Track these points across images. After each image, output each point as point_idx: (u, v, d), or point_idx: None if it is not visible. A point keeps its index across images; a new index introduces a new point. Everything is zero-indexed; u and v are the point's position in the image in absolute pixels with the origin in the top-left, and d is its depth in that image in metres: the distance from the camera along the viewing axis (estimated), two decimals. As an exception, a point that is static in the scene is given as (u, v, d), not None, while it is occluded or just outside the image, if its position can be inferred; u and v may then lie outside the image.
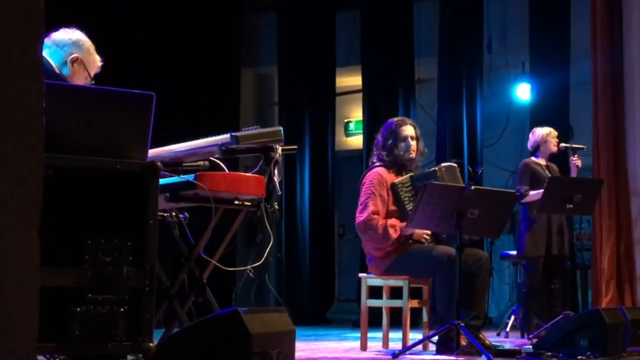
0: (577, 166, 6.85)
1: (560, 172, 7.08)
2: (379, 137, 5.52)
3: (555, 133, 6.95)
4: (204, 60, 9.54)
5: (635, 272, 7.85)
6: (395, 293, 5.62)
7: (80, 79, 3.78)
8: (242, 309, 3.13)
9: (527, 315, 6.88)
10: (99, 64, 3.86)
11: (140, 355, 2.71)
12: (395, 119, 5.65)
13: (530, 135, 7.04)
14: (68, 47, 3.76)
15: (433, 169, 5.45)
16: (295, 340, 3.58)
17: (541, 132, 6.93)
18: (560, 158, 7.32)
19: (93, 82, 3.81)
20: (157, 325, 3.47)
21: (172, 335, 3.54)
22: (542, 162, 6.88)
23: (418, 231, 5.25)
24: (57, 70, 3.69)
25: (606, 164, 8.01)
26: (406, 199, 5.29)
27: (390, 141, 5.39)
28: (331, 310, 10.10)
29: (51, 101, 2.48)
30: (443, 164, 5.56)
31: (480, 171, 7.69)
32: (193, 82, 9.26)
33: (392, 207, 5.34)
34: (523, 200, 6.67)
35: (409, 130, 5.44)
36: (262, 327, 3.22)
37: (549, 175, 6.70)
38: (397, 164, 5.42)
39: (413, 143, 5.43)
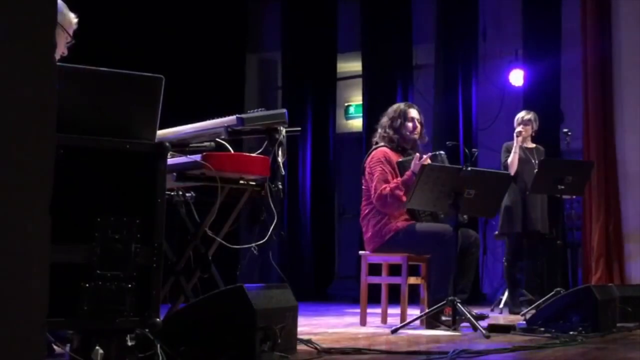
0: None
1: (551, 154, 7.35)
2: (385, 118, 5.72)
3: (520, 116, 7.18)
4: (210, 46, 9.64)
5: (623, 251, 8.01)
6: (394, 271, 5.73)
7: (62, 42, 3.68)
8: (247, 285, 3.21)
9: (511, 291, 7.04)
10: (75, 20, 3.74)
11: (147, 330, 2.73)
12: (401, 103, 5.93)
13: None
14: None
15: (434, 153, 5.67)
16: (298, 316, 3.68)
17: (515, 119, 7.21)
18: (549, 139, 7.56)
19: (73, 41, 3.71)
20: (163, 300, 3.52)
21: (178, 311, 3.62)
22: (526, 144, 7.13)
23: (416, 164, 5.34)
24: None
25: (596, 147, 8.16)
26: (410, 175, 5.44)
27: (399, 121, 5.65)
28: (331, 286, 10.21)
29: (63, 83, 2.56)
30: (443, 152, 5.73)
31: (476, 153, 7.83)
32: (199, 67, 9.37)
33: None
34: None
35: (414, 112, 5.74)
36: (266, 302, 3.30)
37: (523, 154, 6.98)
38: (401, 144, 5.66)
39: (418, 125, 5.69)
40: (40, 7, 1.55)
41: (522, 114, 7.26)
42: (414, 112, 5.73)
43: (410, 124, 5.67)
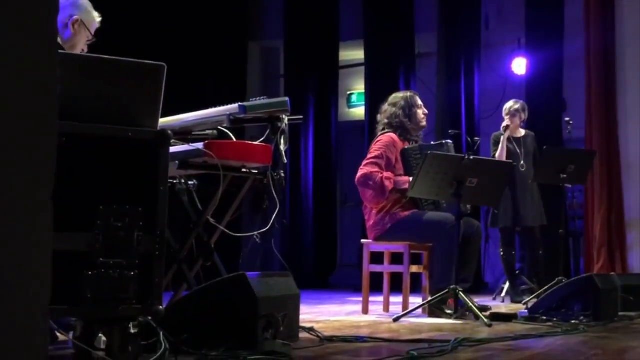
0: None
1: (553, 143, 7.31)
2: (393, 107, 5.72)
3: (508, 107, 7.14)
4: (212, 34, 9.63)
5: (625, 240, 8.02)
6: (396, 259, 5.74)
7: (82, 39, 3.75)
8: (249, 273, 3.21)
9: (511, 280, 7.06)
10: (98, 19, 3.81)
11: (150, 318, 2.73)
12: (406, 92, 5.98)
13: None
14: (67, 9, 3.67)
15: (440, 142, 5.71)
16: (300, 304, 3.68)
17: None
18: (552, 128, 7.53)
19: (94, 39, 3.78)
20: (166, 288, 3.52)
21: (180, 299, 3.62)
22: (516, 134, 7.09)
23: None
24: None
25: (598, 136, 8.17)
26: (414, 165, 5.44)
27: (414, 109, 5.68)
28: (333, 275, 10.23)
29: (65, 70, 2.55)
30: (450, 141, 5.75)
31: (478, 142, 7.81)
32: (202, 55, 9.36)
33: (401, 172, 5.50)
34: None
35: (420, 100, 5.78)
36: (268, 291, 3.31)
37: (511, 146, 6.95)
38: (411, 132, 5.67)
39: (427, 111, 5.80)
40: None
41: (509, 104, 7.22)
42: (419, 100, 5.78)
43: (420, 111, 5.73)
